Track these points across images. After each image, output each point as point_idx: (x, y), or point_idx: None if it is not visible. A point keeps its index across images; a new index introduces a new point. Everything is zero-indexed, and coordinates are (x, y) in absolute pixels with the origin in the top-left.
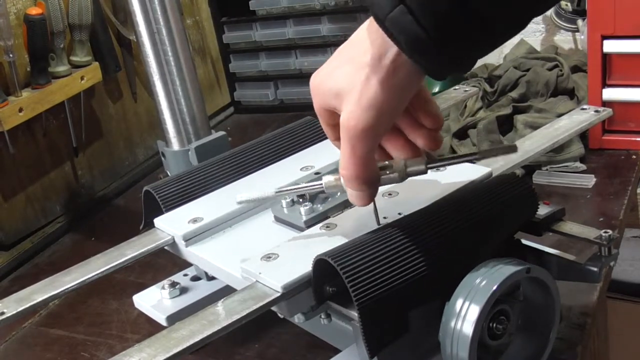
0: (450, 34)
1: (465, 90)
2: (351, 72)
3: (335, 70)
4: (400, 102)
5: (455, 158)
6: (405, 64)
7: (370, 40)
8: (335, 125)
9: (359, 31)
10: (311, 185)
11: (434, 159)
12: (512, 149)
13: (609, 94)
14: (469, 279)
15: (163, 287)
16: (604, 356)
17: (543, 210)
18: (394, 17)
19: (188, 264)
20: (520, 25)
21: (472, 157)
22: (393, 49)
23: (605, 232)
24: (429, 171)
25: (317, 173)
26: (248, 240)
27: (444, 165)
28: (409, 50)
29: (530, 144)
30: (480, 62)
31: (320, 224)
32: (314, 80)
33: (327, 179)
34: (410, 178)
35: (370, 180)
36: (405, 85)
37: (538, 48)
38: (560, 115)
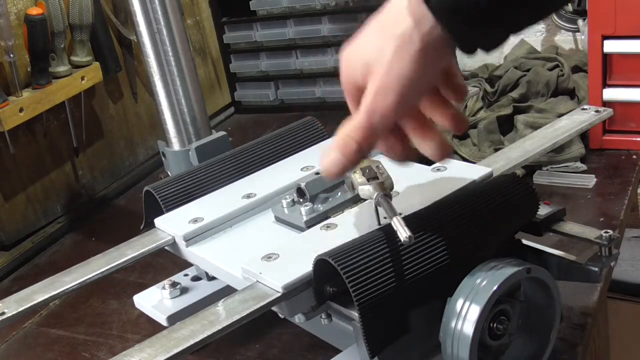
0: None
1: None
2: (381, 44)
3: (366, 42)
4: (426, 76)
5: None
6: (437, 38)
7: (402, 13)
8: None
9: (391, 3)
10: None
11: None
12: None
13: (609, 94)
14: (469, 279)
15: (163, 287)
16: (604, 356)
17: (544, 211)
18: None
19: (188, 264)
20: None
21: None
22: (427, 21)
23: (605, 232)
24: (430, 172)
25: (317, 173)
26: (248, 240)
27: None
28: (446, 20)
29: (531, 144)
30: (480, 62)
31: (321, 224)
32: (345, 52)
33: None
34: (411, 178)
35: (361, 152)
36: (434, 60)
37: (538, 48)
38: (560, 116)
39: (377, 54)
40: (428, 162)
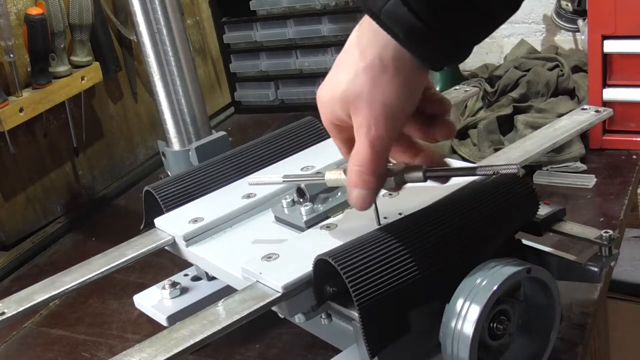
0: (446, 19)
1: (466, 91)
2: (354, 78)
3: (338, 81)
4: (410, 98)
5: (453, 170)
6: (406, 60)
7: (365, 42)
8: (348, 140)
9: (351, 38)
10: (315, 178)
11: (432, 169)
12: (512, 167)
13: (609, 94)
14: (469, 279)
15: (163, 287)
16: (604, 356)
17: (544, 211)
18: (389, 9)
19: (188, 264)
20: (514, 6)
21: (470, 173)
22: (390, 45)
23: (605, 232)
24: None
25: (317, 173)
26: (248, 240)
27: (442, 176)
28: (407, 41)
29: (531, 144)
30: (480, 62)
31: (321, 224)
32: (320, 95)
33: (330, 175)
34: None
35: (380, 179)
36: (411, 80)
37: (538, 48)
38: (560, 116)
39: (353, 89)
40: None
